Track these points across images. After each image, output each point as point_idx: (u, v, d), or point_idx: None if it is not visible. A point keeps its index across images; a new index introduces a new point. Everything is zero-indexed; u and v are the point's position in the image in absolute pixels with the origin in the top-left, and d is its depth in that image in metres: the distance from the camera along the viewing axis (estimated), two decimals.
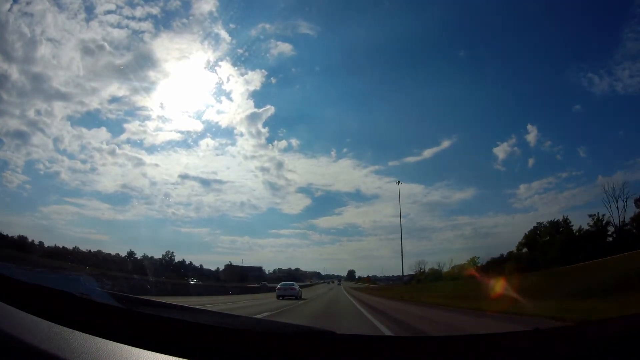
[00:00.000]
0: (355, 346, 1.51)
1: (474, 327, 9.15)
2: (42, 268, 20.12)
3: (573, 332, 1.57)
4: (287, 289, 26.98)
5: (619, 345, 1.39)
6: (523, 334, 1.64)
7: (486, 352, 1.45)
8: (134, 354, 1.41)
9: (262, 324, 2.09)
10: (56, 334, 1.47)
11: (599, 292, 13.05)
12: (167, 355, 1.40)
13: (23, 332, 1.43)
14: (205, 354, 1.47)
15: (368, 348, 1.50)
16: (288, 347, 1.50)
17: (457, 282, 35.70)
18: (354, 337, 1.61)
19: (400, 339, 2.18)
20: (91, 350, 1.39)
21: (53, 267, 23.67)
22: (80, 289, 1.91)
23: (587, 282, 17.04)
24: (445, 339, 1.63)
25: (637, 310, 7.60)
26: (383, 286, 64.59)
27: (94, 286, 3.00)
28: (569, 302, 11.55)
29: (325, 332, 1.62)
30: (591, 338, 1.51)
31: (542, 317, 8.79)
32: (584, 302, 11.23)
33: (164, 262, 59.43)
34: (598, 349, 1.40)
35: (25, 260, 23.43)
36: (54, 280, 4.77)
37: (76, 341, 1.44)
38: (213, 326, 1.63)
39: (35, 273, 8.51)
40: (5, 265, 7.10)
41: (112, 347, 1.44)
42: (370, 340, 1.62)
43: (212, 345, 1.51)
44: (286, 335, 1.66)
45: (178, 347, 1.45)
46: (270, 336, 1.61)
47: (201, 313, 1.94)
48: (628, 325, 1.56)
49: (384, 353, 1.47)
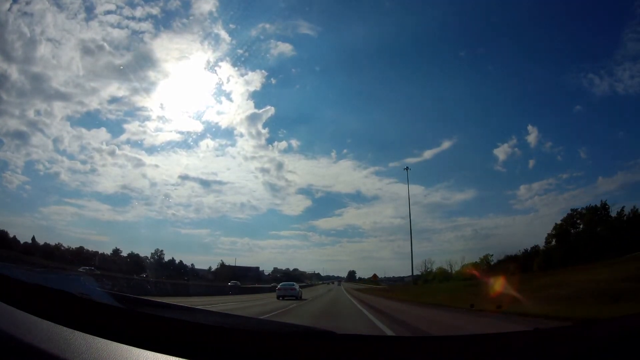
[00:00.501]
0: (355, 346, 1.51)
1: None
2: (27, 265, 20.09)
3: (573, 332, 1.57)
4: (287, 289, 26.97)
5: (619, 345, 1.39)
6: (523, 334, 1.64)
7: (486, 352, 1.45)
8: (134, 354, 1.41)
9: (262, 324, 2.09)
10: (56, 334, 1.47)
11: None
12: (167, 355, 1.40)
13: (23, 332, 1.43)
14: (205, 354, 1.47)
15: (368, 348, 1.50)
16: (288, 347, 1.50)
17: (471, 282, 29.72)
18: (354, 337, 1.61)
19: (400, 339, 2.18)
20: (91, 350, 1.39)
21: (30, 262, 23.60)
22: (80, 289, 1.91)
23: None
24: (445, 339, 1.63)
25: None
26: (387, 287, 58.86)
27: (94, 286, 3.00)
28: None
29: (325, 332, 1.62)
30: (591, 338, 1.51)
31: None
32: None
33: (151, 260, 58.62)
34: (598, 349, 1.40)
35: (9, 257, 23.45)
36: (53, 280, 4.77)
37: (76, 341, 1.44)
38: (213, 326, 1.63)
39: (35, 273, 8.51)
40: (5, 265, 7.10)
41: (112, 347, 1.44)
42: (370, 340, 1.62)
43: (212, 345, 1.51)
44: (286, 335, 1.66)
45: (178, 347, 1.45)
46: (270, 336, 1.61)
47: (201, 313, 1.94)
48: (628, 325, 1.56)
49: (383, 353, 1.47)
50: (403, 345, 1.62)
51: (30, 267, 16.25)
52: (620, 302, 10.17)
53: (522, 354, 1.43)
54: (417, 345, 1.59)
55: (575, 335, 1.58)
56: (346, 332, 1.63)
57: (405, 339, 2.19)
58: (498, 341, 1.55)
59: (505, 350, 1.45)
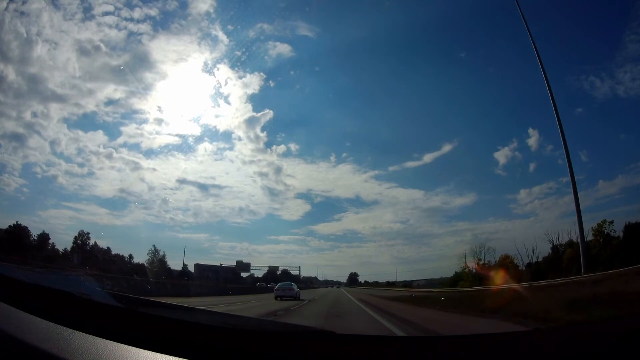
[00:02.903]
0: (355, 346, 1.51)
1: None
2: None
3: (573, 332, 1.57)
4: (286, 289, 26.92)
5: (618, 345, 1.39)
6: (523, 334, 1.64)
7: (486, 352, 1.45)
8: (134, 354, 1.41)
9: (262, 324, 2.10)
10: (56, 334, 1.47)
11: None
12: (167, 355, 1.40)
13: (23, 332, 1.43)
14: (205, 354, 1.47)
15: (368, 348, 1.50)
16: (288, 347, 1.50)
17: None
18: (354, 337, 1.61)
19: (400, 339, 2.19)
20: (91, 350, 1.39)
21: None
22: (80, 289, 1.91)
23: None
24: (446, 339, 1.63)
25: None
26: (419, 293, 31.81)
27: (93, 286, 3.00)
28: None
29: (325, 332, 1.62)
30: (591, 338, 1.51)
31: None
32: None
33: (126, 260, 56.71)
34: (598, 349, 1.40)
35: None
36: (53, 280, 4.77)
37: (76, 341, 1.44)
38: (213, 326, 1.64)
39: (35, 273, 8.50)
40: (5, 265, 7.10)
41: (112, 347, 1.44)
42: (370, 340, 1.62)
43: (211, 345, 1.51)
44: (286, 335, 1.67)
45: (178, 347, 1.45)
46: (270, 336, 1.61)
47: (201, 313, 1.94)
48: (628, 325, 1.56)
49: (383, 353, 1.47)
50: (403, 345, 1.62)
51: (30, 268, 16.26)
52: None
53: (522, 354, 1.43)
54: (417, 345, 1.59)
55: (575, 335, 1.57)
56: (346, 332, 1.63)
57: (405, 339, 2.19)
58: (498, 341, 1.55)
59: (505, 350, 1.45)
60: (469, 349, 1.47)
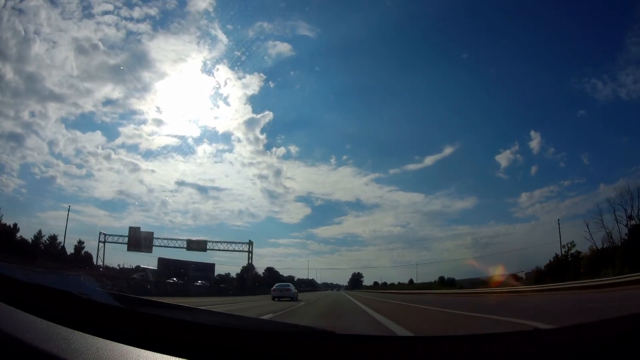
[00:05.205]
0: (355, 346, 1.51)
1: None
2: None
3: (573, 332, 1.56)
4: (283, 290, 26.93)
5: (618, 345, 1.39)
6: (523, 334, 1.63)
7: (486, 352, 1.45)
8: (134, 354, 1.41)
9: (262, 324, 2.09)
10: (56, 334, 1.47)
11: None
12: (167, 355, 1.40)
13: (23, 332, 1.43)
14: (205, 354, 1.47)
15: (368, 348, 1.50)
16: (288, 347, 1.50)
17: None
18: (354, 337, 1.61)
19: (399, 339, 2.18)
20: (91, 350, 1.39)
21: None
22: (80, 289, 1.91)
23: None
24: (445, 339, 1.62)
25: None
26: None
27: (93, 286, 3.00)
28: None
29: (325, 332, 1.62)
30: (591, 338, 1.51)
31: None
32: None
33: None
34: (598, 349, 1.40)
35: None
36: (53, 280, 4.77)
37: (76, 341, 1.44)
38: (213, 326, 1.63)
39: (35, 273, 8.51)
40: (5, 265, 7.10)
41: (112, 347, 1.44)
42: (370, 340, 1.62)
43: (211, 345, 1.51)
44: (286, 335, 1.66)
45: (178, 347, 1.45)
46: (270, 336, 1.61)
47: (202, 313, 1.94)
48: (628, 325, 1.56)
49: (384, 353, 1.47)
50: (403, 345, 1.62)
51: (30, 268, 16.26)
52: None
53: (523, 354, 1.43)
54: (417, 345, 1.59)
55: (575, 335, 1.57)
56: (346, 332, 1.62)
57: (405, 339, 2.19)
58: (498, 341, 1.55)
59: (505, 350, 1.45)
60: (469, 349, 1.46)
